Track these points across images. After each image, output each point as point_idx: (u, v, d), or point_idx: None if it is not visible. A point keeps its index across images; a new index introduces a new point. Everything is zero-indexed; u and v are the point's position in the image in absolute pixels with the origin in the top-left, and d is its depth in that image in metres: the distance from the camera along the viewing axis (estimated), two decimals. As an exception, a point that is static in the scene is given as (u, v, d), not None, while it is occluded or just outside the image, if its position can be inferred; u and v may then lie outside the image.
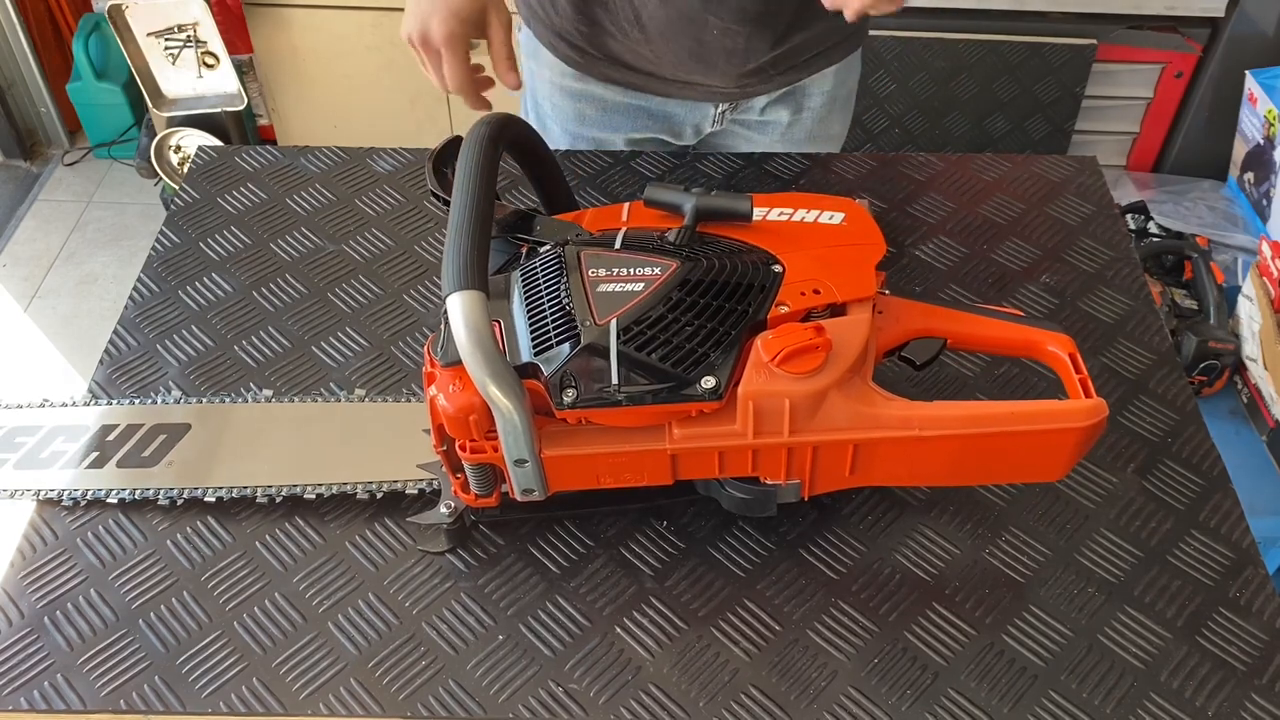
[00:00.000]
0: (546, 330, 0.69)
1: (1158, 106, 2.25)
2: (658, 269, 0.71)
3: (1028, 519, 0.81)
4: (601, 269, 0.71)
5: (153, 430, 0.83)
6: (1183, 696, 0.72)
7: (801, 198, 0.81)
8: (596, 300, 0.69)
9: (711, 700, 0.71)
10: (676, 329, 0.69)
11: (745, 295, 0.71)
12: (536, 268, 0.73)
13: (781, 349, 0.68)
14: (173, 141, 2.27)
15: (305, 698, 0.71)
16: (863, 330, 0.72)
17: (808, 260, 0.74)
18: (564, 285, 0.71)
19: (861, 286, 0.74)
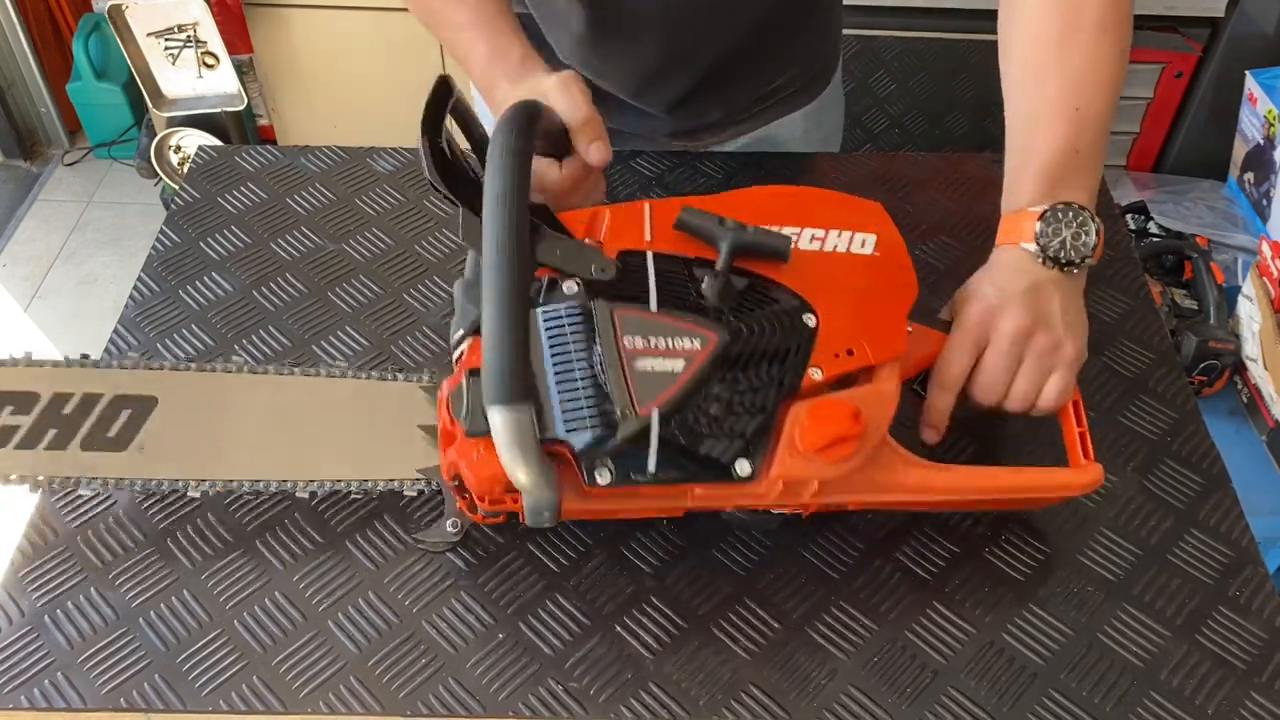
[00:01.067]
0: (580, 408, 0.65)
1: (1158, 106, 2.25)
2: (697, 341, 0.67)
3: (1027, 517, 0.81)
4: (638, 338, 0.66)
5: (115, 403, 0.76)
6: (1182, 695, 0.72)
7: (827, 205, 0.77)
8: (635, 380, 0.65)
9: (712, 698, 0.71)
10: (715, 413, 0.67)
11: (782, 362, 0.69)
12: (564, 323, 0.67)
13: (819, 440, 0.67)
14: (173, 141, 2.27)
15: (305, 696, 0.71)
16: (892, 402, 0.72)
17: (841, 311, 0.72)
18: (597, 353, 0.66)
19: (893, 345, 0.73)
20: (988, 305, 0.76)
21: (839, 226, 0.74)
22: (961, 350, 0.76)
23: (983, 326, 0.76)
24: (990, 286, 0.77)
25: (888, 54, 2.12)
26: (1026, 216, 0.77)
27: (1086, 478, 0.77)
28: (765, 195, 0.77)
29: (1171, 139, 2.31)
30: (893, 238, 0.76)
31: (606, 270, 0.69)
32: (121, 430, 0.76)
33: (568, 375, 0.66)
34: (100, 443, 0.76)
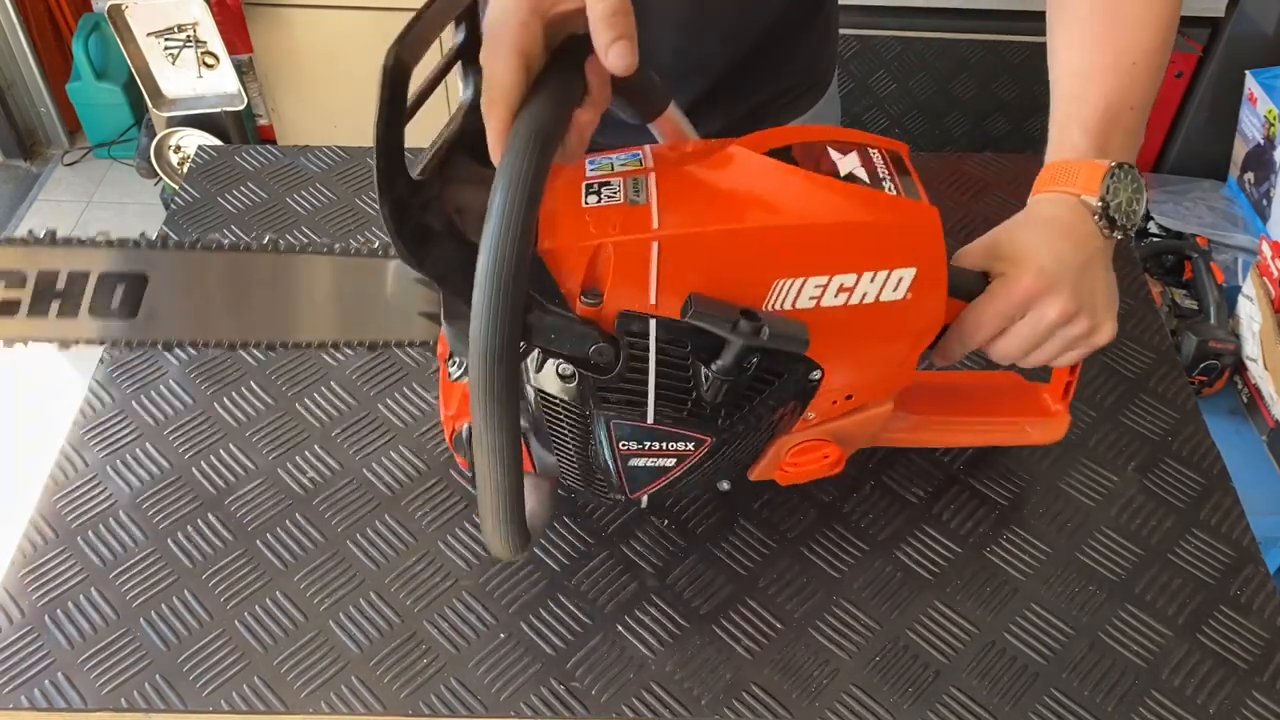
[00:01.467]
0: (577, 480, 0.71)
1: (1158, 106, 2.23)
2: (691, 444, 0.66)
3: (1029, 517, 0.81)
4: (633, 443, 0.65)
5: (105, 279, 0.74)
6: (1184, 694, 0.72)
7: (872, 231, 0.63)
8: (627, 475, 0.68)
9: (713, 698, 0.71)
10: (704, 475, 0.70)
11: (776, 424, 0.68)
12: (560, 416, 0.65)
13: (797, 477, 0.73)
14: (173, 141, 2.27)
15: (306, 696, 0.71)
16: (880, 423, 0.73)
17: (851, 363, 0.67)
18: (592, 448, 0.66)
19: (897, 384, 0.71)
20: (1041, 279, 0.69)
21: (874, 267, 0.63)
22: (997, 318, 0.71)
23: (1028, 302, 0.70)
24: (1050, 255, 0.70)
25: (888, 54, 2.12)
26: (1094, 168, 0.72)
27: (1051, 435, 0.81)
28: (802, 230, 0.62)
29: (1171, 139, 2.31)
30: (935, 268, 0.65)
31: (604, 355, 0.61)
32: (123, 302, 0.75)
33: (564, 454, 0.69)
34: (108, 312, 0.74)
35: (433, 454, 0.84)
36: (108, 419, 0.86)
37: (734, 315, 0.60)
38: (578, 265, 0.60)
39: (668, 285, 0.60)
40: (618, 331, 0.61)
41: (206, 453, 0.84)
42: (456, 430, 0.72)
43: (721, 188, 0.64)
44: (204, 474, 0.83)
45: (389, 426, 0.86)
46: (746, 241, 0.61)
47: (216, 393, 0.88)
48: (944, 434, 0.82)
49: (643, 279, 0.60)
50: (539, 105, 0.57)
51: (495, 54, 0.58)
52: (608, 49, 0.57)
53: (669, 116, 0.70)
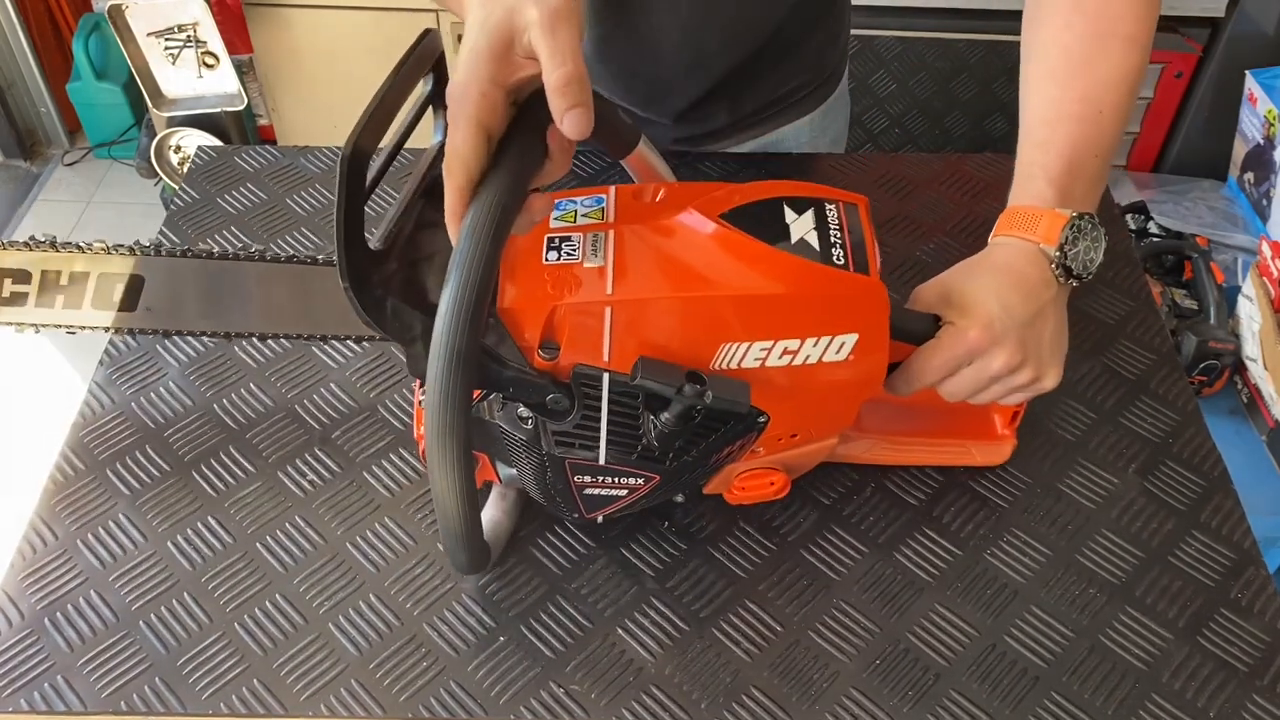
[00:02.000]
0: (537, 495, 0.73)
1: (1158, 106, 2.25)
2: (641, 480, 0.70)
3: (1028, 520, 0.81)
4: (587, 477, 0.69)
5: (104, 279, 0.82)
6: (1184, 697, 0.71)
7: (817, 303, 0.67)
8: (582, 498, 0.72)
9: (713, 701, 0.71)
10: (657, 499, 0.74)
11: (725, 457, 0.71)
12: (518, 447, 0.69)
13: (745, 500, 0.77)
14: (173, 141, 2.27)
15: (306, 699, 0.71)
16: (825, 453, 0.78)
17: (795, 408, 0.70)
18: (548, 484, 0.71)
19: (841, 425, 0.75)
20: (988, 334, 0.71)
21: (818, 333, 0.66)
22: (942, 368, 0.72)
23: (973, 354, 0.72)
24: (999, 307, 0.71)
25: (888, 54, 2.12)
26: (1055, 219, 0.73)
27: (995, 458, 0.83)
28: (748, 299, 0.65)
29: (1171, 139, 2.31)
30: (875, 334, 0.68)
31: (559, 404, 0.65)
32: (124, 297, 0.82)
33: (525, 476, 0.71)
34: (110, 305, 0.82)
35: (432, 456, 0.84)
36: (108, 421, 0.86)
37: (679, 379, 0.64)
38: (536, 322, 0.64)
39: (620, 345, 0.64)
40: (573, 382, 0.65)
41: (206, 455, 0.84)
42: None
43: (675, 255, 0.66)
44: (203, 476, 0.83)
45: (389, 429, 0.86)
46: (694, 308, 0.65)
47: (216, 395, 0.88)
48: (891, 453, 0.83)
49: (596, 339, 0.64)
50: (497, 180, 0.58)
51: (456, 124, 0.59)
52: (563, 116, 0.58)
53: (640, 154, 0.74)
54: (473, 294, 0.56)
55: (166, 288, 0.83)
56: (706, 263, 0.66)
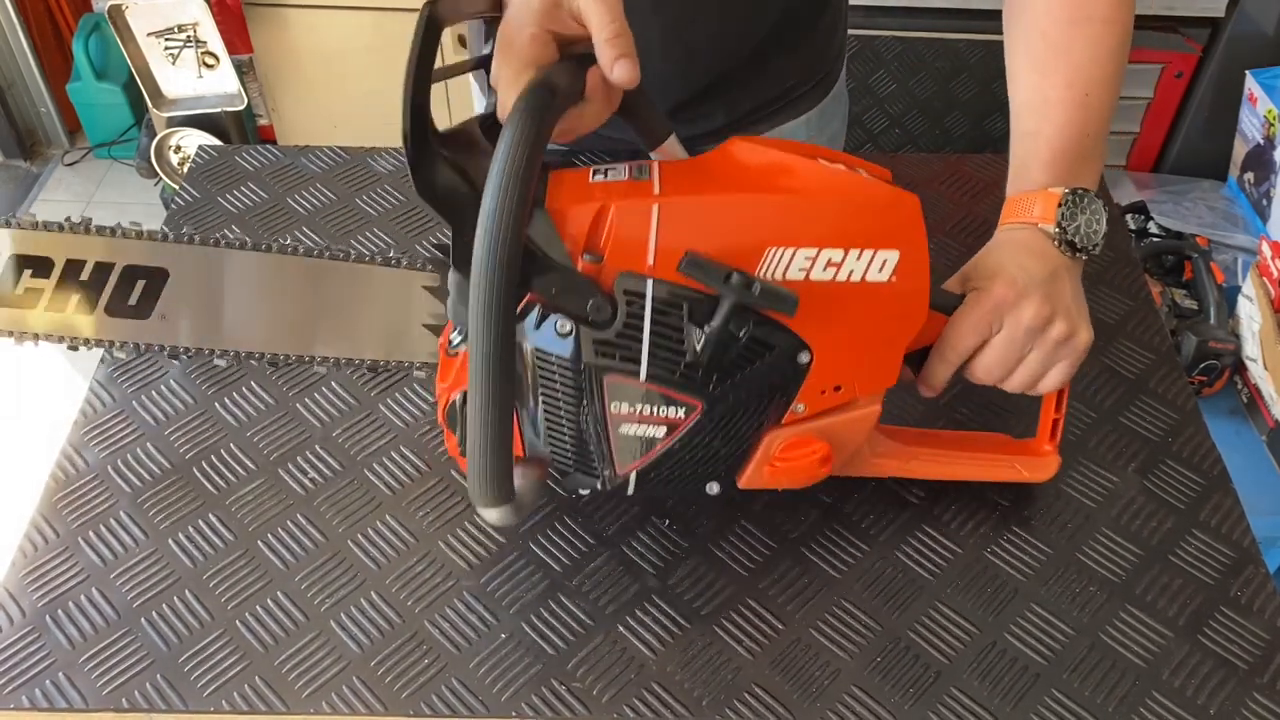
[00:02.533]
0: (565, 455, 0.71)
1: (1158, 106, 2.25)
2: (682, 411, 0.68)
3: (1029, 518, 0.81)
4: (624, 404, 0.67)
5: (128, 272, 0.81)
6: (1184, 695, 0.72)
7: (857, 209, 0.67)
8: (617, 445, 0.69)
9: (714, 699, 0.71)
10: (693, 460, 0.71)
11: (765, 408, 0.69)
12: (554, 370, 0.67)
13: (786, 475, 0.72)
14: (173, 141, 2.27)
15: (307, 696, 0.71)
16: (869, 425, 0.73)
17: (838, 347, 0.69)
18: (583, 413, 0.68)
19: (884, 379, 0.72)
20: (1012, 289, 0.73)
21: (861, 244, 0.66)
22: (974, 329, 0.73)
23: (1000, 310, 0.73)
24: (1016, 268, 0.73)
25: (888, 54, 2.12)
26: (1048, 198, 0.76)
27: (1041, 474, 0.81)
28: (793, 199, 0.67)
29: (1171, 139, 2.31)
30: (917, 250, 0.68)
31: (602, 312, 0.65)
32: (141, 300, 0.81)
33: (555, 425, 0.69)
34: (123, 310, 0.81)
35: (433, 454, 0.84)
36: (108, 419, 0.86)
37: (727, 270, 0.63)
38: (581, 225, 0.64)
39: (666, 248, 0.64)
40: (615, 291, 0.64)
41: (207, 453, 0.84)
42: (451, 400, 0.72)
43: (720, 167, 0.68)
44: (205, 474, 0.83)
45: (389, 426, 0.86)
46: (741, 208, 0.65)
47: (217, 393, 0.88)
48: (933, 465, 0.81)
49: (642, 241, 0.64)
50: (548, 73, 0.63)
51: (505, 60, 0.63)
52: (613, 65, 0.64)
53: (668, 148, 0.75)
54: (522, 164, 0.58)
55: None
56: (751, 171, 0.68)
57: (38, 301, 0.81)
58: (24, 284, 0.80)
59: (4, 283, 0.80)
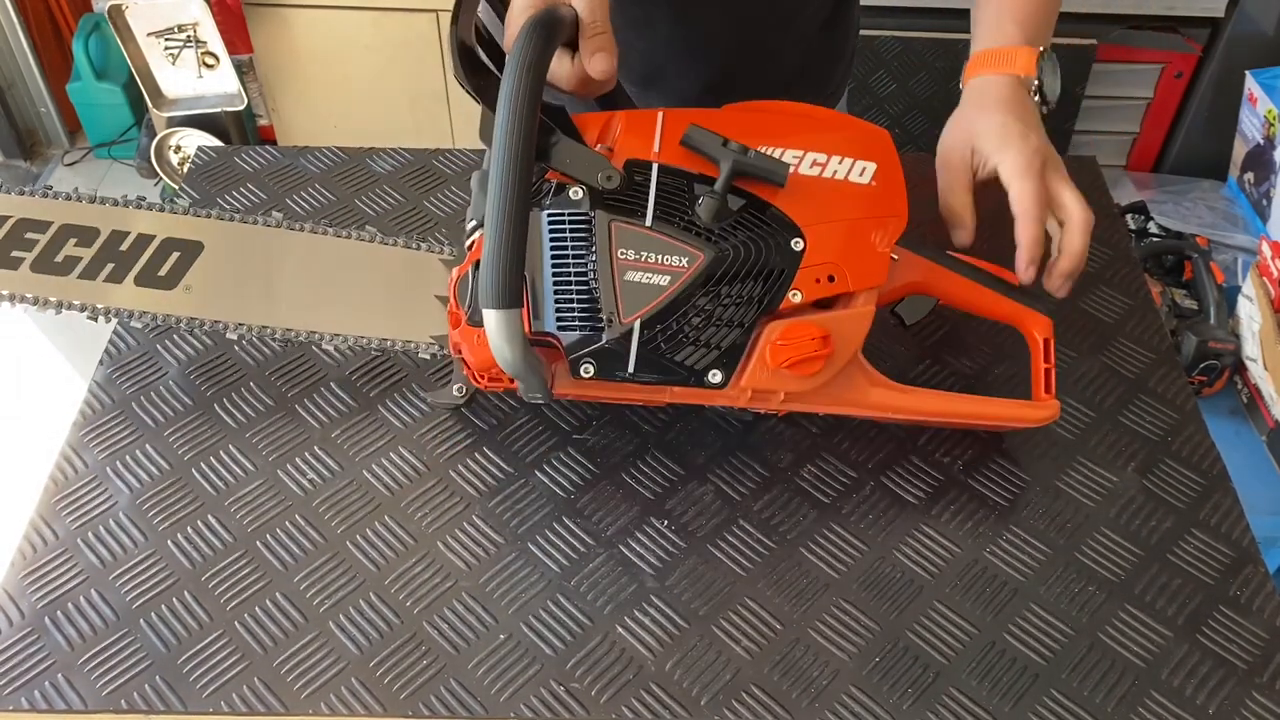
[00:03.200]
0: (571, 309, 0.73)
1: (1158, 106, 2.25)
2: (685, 259, 0.72)
3: (1028, 518, 0.81)
4: (630, 251, 0.72)
5: (165, 245, 0.85)
6: (1183, 694, 0.72)
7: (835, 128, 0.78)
8: (623, 291, 0.72)
9: (713, 699, 0.71)
10: (695, 325, 0.73)
11: (764, 283, 0.73)
12: (565, 229, 0.72)
13: (787, 358, 0.73)
14: (173, 141, 2.28)
15: (306, 697, 0.71)
16: (864, 324, 0.76)
17: (829, 237, 0.74)
18: (591, 262, 0.72)
19: (874, 275, 0.76)
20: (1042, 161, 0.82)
21: (841, 153, 0.76)
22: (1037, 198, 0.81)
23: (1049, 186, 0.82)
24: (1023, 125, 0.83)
25: (888, 54, 2.12)
26: (1030, 53, 0.86)
27: (1043, 412, 0.82)
28: (777, 113, 0.79)
29: (1171, 139, 2.31)
30: (892, 168, 0.77)
31: (611, 180, 0.72)
32: (171, 270, 0.85)
33: (563, 277, 0.72)
34: (152, 280, 0.85)
35: (432, 455, 0.84)
36: (108, 420, 0.86)
37: (724, 139, 0.72)
38: (595, 126, 0.75)
39: (670, 140, 0.73)
40: (625, 168, 0.73)
41: (206, 454, 0.84)
42: (462, 275, 0.76)
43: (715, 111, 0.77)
44: (204, 475, 0.83)
45: (389, 428, 0.86)
46: (734, 117, 0.76)
47: (216, 394, 0.88)
48: (932, 401, 0.83)
49: (649, 134, 0.74)
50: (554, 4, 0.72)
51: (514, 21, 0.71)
52: (590, 56, 0.73)
53: None
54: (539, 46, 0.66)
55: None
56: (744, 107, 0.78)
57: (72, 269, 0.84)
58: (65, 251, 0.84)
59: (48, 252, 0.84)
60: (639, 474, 0.83)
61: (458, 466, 0.83)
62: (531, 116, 0.66)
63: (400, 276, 0.87)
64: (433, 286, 0.86)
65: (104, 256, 0.84)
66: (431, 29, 2.20)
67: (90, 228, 0.85)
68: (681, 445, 0.85)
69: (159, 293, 0.84)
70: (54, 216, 0.84)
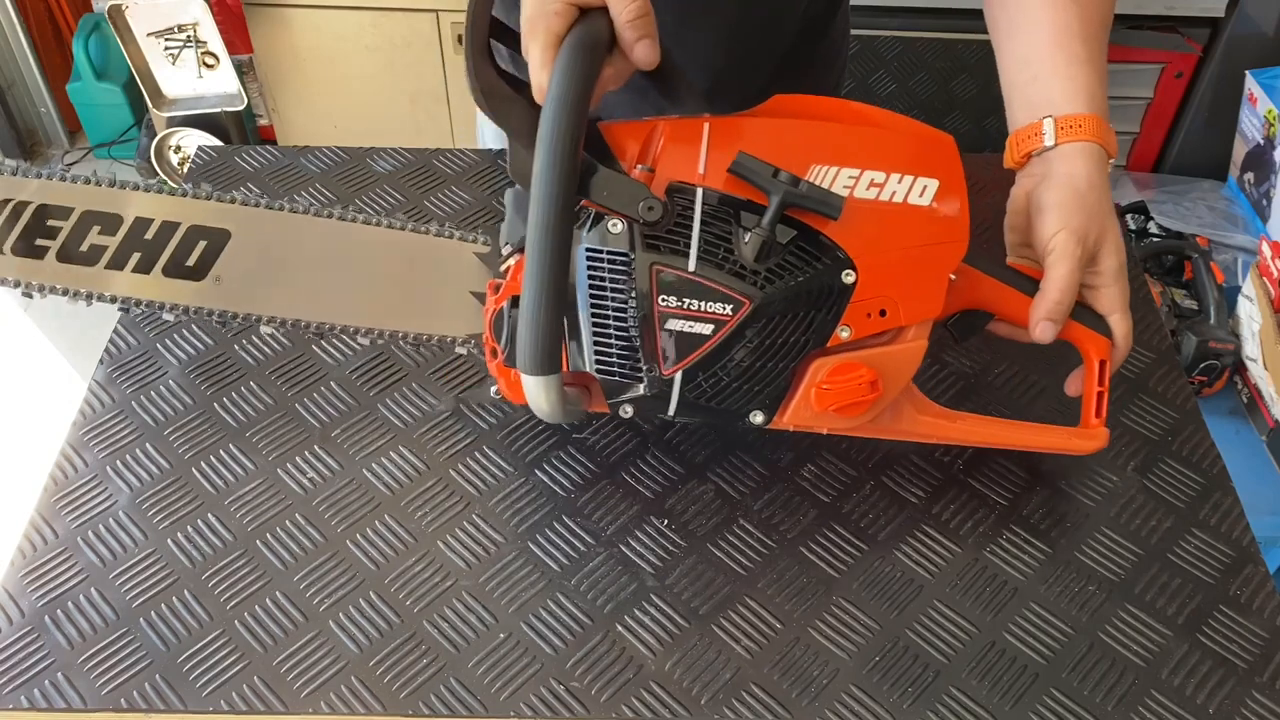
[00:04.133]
0: (610, 355, 0.71)
1: (1158, 106, 2.25)
2: (730, 307, 0.69)
3: (1028, 517, 0.81)
4: (673, 298, 0.69)
5: (191, 232, 0.82)
6: (1184, 694, 0.72)
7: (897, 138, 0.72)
8: (664, 339, 0.70)
9: (713, 698, 0.71)
10: (738, 372, 0.71)
11: (811, 325, 0.70)
12: (604, 267, 0.69)
13: (833, 403, 0.72)
14: (173, 141, 2.28)
15: (306, 696, 0.71)
16: (916, 360, 0.73)
17: (883, 268, 0.70)
18: (631, 307, 0.69)
19: (929, 308, 0.72)
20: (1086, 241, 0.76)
21: (901, 170, 0.70)
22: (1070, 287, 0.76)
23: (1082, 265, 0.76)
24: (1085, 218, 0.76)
25: (888, 54, 2.12)
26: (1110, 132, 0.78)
27: (1094, 442, 0.79)
28: (833, 120, 0.72)
29: (1171, 139, 2.31)
30: (955, 184, 0.71)
31: (653, 210, 0.67)
32: (199, 260, 0.83)
33: (601, 320, 0.70)
34: (180, 270, 0.83)
35: (432, 454, 0.84)
36: (108, 419, 0.86)
37: (775, 169, 0.67)
38: (634, 141, 0.69)
39: (715, 162, 0.68)
40: (668, 196, 0.68)
41: (206, 453, 0.84)
42: (499, 308, 0.74)
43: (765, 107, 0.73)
44: (204, 474, 0.83)
45: (389, 427, 0.86)
46: (787, 129, 0.70)
47: (216, 393, 0.88)
48: (982, 428, 0.80)
49: (693, 152, 0.68)
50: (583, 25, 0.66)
51: (534, 38, 0.65)
52: (634, 46, 0.67)
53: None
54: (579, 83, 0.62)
55: None
56: (796, 105, 0.72)
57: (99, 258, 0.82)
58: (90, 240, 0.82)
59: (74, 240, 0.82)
60: (639, 473, 0.83)
61: (458, 465, 0.83)
62: (573, 163, 0.62)
63: (434, 268, 0.86)
64: (467, 280, 0.85)
65: (129, 245, 0.82)
66: (431, 29, 2.20)
67: (113, 214, 0.82)
68: (681, 444, 0.85)
69: (189, 284, 0.82)
70: (75, 202, 0.82)
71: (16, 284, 0.81)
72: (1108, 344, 0.79)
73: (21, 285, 0.81)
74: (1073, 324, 0.78)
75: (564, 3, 0.65)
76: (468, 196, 1.05)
